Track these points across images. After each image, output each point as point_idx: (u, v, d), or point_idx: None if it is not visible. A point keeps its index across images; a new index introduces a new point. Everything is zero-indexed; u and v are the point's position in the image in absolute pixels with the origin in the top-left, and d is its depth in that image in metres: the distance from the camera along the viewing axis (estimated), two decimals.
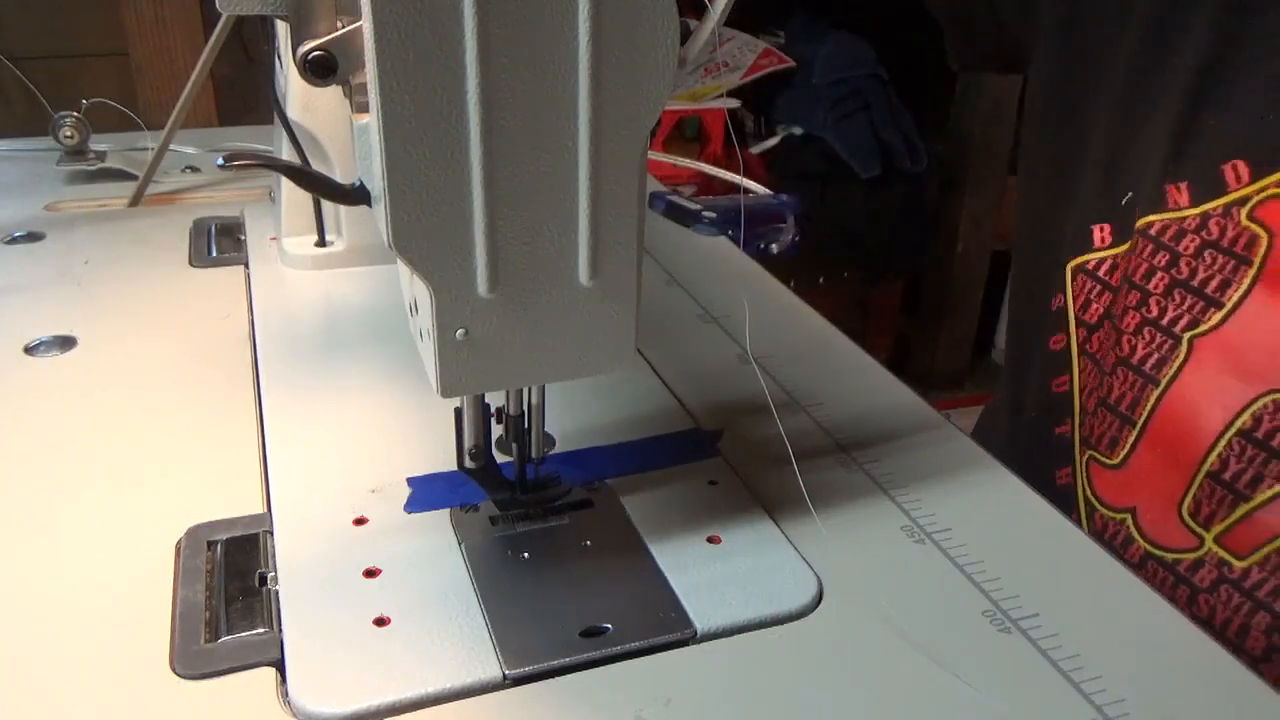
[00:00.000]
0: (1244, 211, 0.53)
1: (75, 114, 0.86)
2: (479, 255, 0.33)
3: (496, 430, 0.42)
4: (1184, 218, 0.55)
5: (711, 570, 0.41)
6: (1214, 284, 0.54)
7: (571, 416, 0.51)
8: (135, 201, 0.82)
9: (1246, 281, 0.52)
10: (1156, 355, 0.57)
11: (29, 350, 0.58)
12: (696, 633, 0.38)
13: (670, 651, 0.37)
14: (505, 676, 0.36)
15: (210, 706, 0.35)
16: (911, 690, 0.36)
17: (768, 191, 0.93)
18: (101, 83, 1.51)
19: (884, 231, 1.86)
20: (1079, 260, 0.63)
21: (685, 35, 0.33)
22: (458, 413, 0.40)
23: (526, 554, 0.41)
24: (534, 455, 0.43)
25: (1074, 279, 0.64)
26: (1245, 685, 0.37)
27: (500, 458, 0.43)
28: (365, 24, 0.30)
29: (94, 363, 0.57)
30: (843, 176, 1.74)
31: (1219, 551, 0.52)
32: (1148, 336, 0.57)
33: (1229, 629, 0.52)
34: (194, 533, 0.43)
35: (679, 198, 0.84)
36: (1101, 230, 0.61)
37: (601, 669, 0.37)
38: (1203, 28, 0.56)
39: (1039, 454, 0.60)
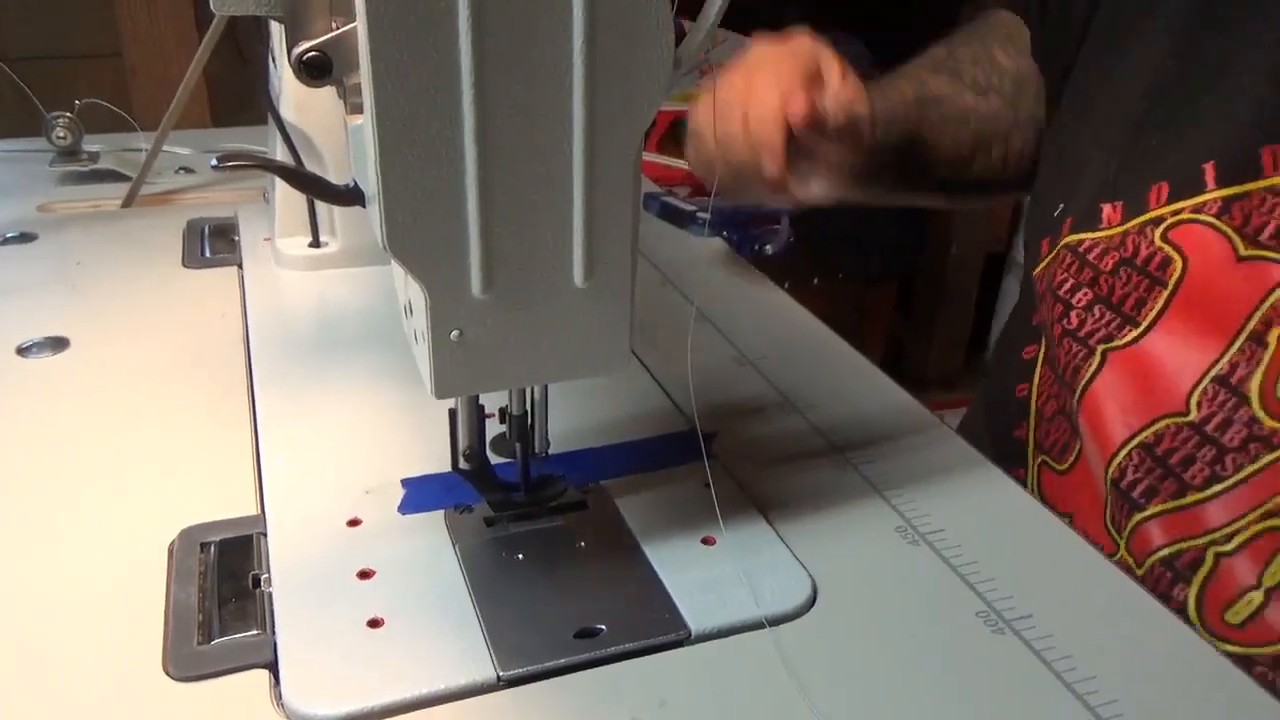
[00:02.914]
0: (1158, 231, 0.53)
1: (68, 114, 0.86)
2: (473, 256, 0.33)
3: (491, 431, 0.42)
4: (1111, 235, 0.56)
5: (706, 571, 0.41)
6: (1130, 302, 0.54)
7: (566, 418, 0.51)
8: (128, 202, 0.82)
9: (1160, 302, 0.52)
10: (1073, 364, 0.57)
11: (21, 351, 0.58)
12: (691, 633, 0.38)
13: (664, 653, 0.37)
14: (499, 678, 0.36)
15: (203, 708, 0.35)
16: (905, 691, 0.36)
17: None
18: (95, 83, 1.50)
19: (878, 233, 1.86)
20: (1035, 271, 0.63)
21: (679, 37, 0.33)
22: (452, 414, 0.40)
23: (521, 555, 0.41)
24: (538, 450, 0.43)
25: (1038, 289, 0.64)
26: (1236, 685, 0.37)
27: (494, 459, 0.43)
28: (360, 25, 0.30)
29: (87, 364, 0.57)
30: None
31: (1127, 559, 0.52)
32: (1067, 346, 0.58)
33: None
34: (187, 534, 0.43)
35: (673, 199, 0.84)
36: (1047, 243, 0.62)
37: (596, 670, 0.37)
38: (1160, 47, 0.57)
39: (997, 456, 0.60)
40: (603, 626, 0.38)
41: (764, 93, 0.59)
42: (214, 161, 0.38)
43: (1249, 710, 0.36)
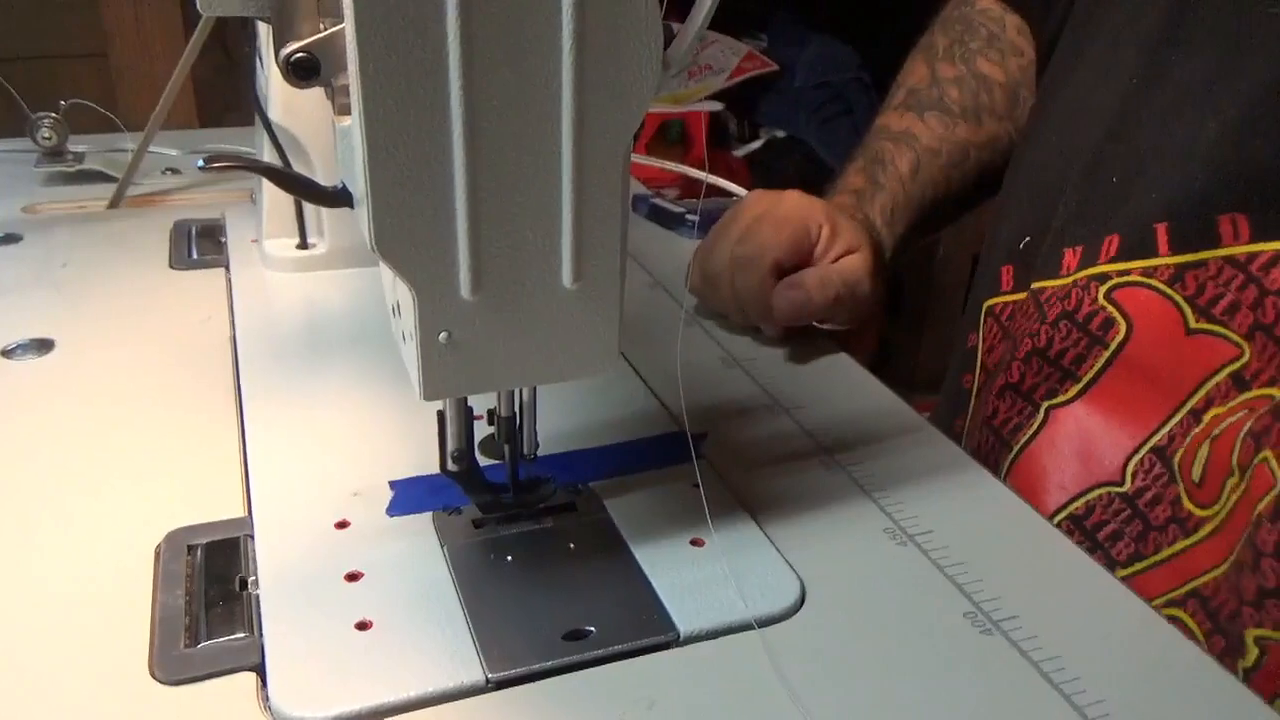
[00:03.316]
0: (1102, 290, 0.51)
1: (53, 115, 0.86)
2: (462, 258, 0.33)
3: (479, 433, 0.42)
4: (1062, 285, 0.54)
5: (694, 573, 0.41)
6: (1069, 356, 0.52)
7: (554, 419, 0.50)
8: (115, 203, 0.81)
9: (1100, 362, 0.51)
10: (1014, 421, 0.56)
11: (6, 353, 0.57)
12: (680, 635, 0.38)
13: (653, 654, 0.37)
14: (488, 680, 0.36)
15: (190, 712, 0.34)
16: (893, 691, 0.36)
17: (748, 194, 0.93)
18: (80, 84, 1.50)
19: None
20: (990, 301, 0.62)
21: (669, 39, 0.33)
22: (440, 415, 0.40)
23: (510, 557, 0.41)
24: (526, 452, 0.42)
25: (985, 319, 0.63)
26: (1224, 687, 0.37)
27: (483, 460, 0.43)
28: (348, 26, 0.29)
29: (72, 366, 0.57)
30: (826, 179, 1.75)
31: None
32: (1010, 400, 0.56)
33: None
34: (174, 537, 0.43)
35: (663, 200, 0.84)
36: (1008, 272, 0.61)
37: (584, 672, 0.37)
38: (1129, 61, 0.55)
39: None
40: (592, 628, 0.38)
41: (750, 270, 0.58)
42: (201, 162, 0.38)
43: (1233, 709, 0.36)
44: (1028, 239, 0.59)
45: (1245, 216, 0.47)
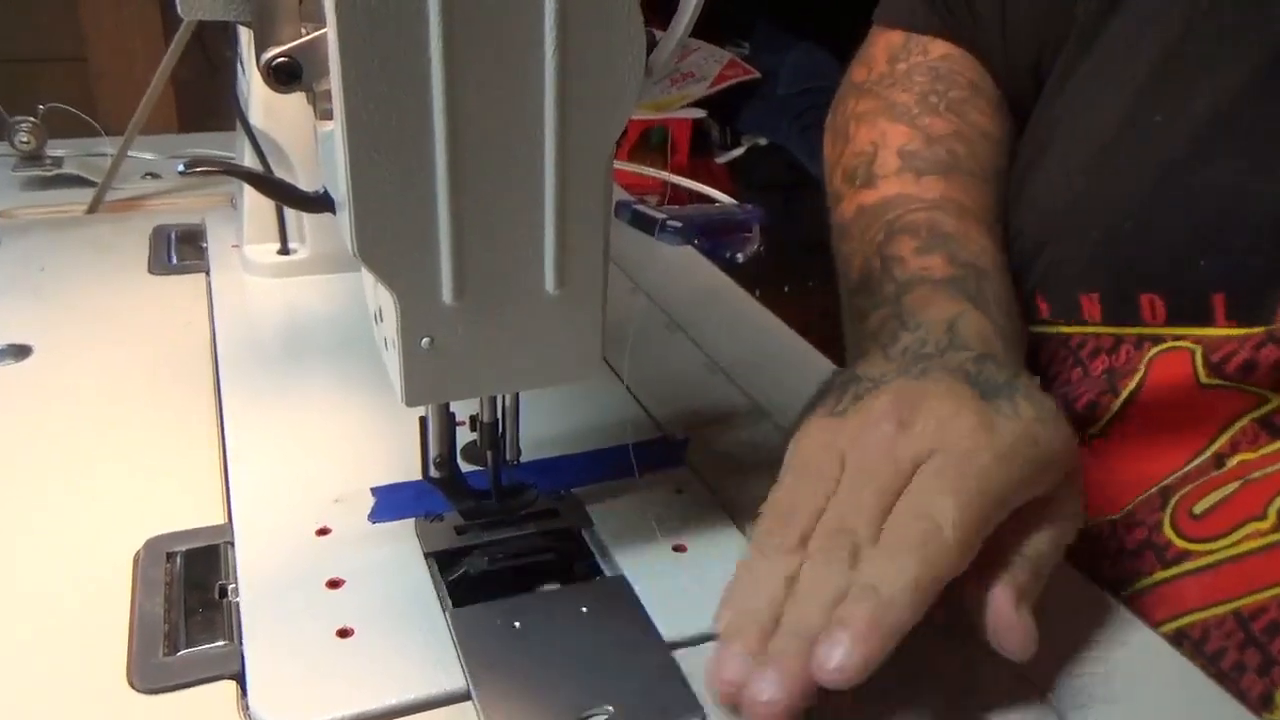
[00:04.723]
0: (1155, 350, 0.46)
1: (31, 119, 0.85)
2: (444, 263, 0.33)
3: (462, 439, 0.42)
4: (1099, 335, 0.49)
5: (678, 578, 0.41)
6: (1084, 401, 0.48)
7: (537, 425, 0.50)
8: (94, 208, 0.81)
9: (1112, 411, 0.47)
10: None
11: None
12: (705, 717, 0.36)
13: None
14: (470, 687, 0.35)
15: None
16: (879, 698, 0.36)
17: (733, 201, 0.94)
18: (59, 87, 1.49)
19: None
20: None
21: (651, 45, 0.33)
22: (422, 421, 0.40)
23: (518, 624, 0.38)
24: (509, 458, 0.42)
25: None
26: (1203, 689, 0.38)
27: (465, 467, 0.42)
28: (330, 31, 0.29)
29: (50, 372, 0.56)
30: (808, 186, 1.76)
31: None
32: None
33: None
34: (153, 544, 0.42)
35: (645, 207, 0.84)
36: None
37: None
38: (1134, 82, 0.50)
39: None
40: (609, 708, 0.35)
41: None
42: (182, 167, 0.38)
43: (1218, 711, 0.37)
44: (1034, 270, 0.53)
45: None
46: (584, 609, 0.39)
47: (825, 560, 0.35)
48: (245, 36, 0.62)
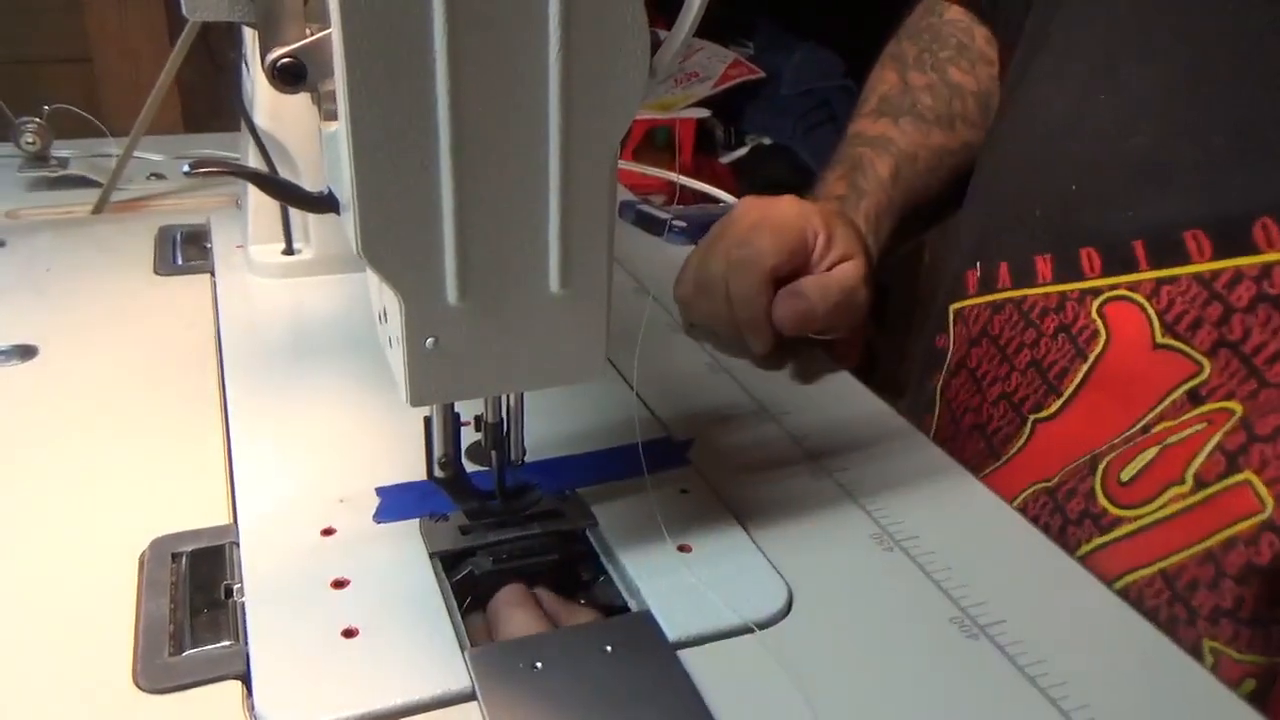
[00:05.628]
0: (1095, 303, 0.52)
1: (37, 120, 0.85)
2: (449, 263, 0.33)
3: (466, 439, 0.42)
4: (1048, 295, 0.54)
5: (682, 578, 0.41)
6: (1055, 369, 0.53)
7: (541, 426, 0.50)
8: (99, 208, 0.81)
9: (1079, 376, 0.52)
10: (1005, 430, 0.56)
11: None
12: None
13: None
14: (475, 688, 0.35)
15: None
16: (880, 697, 0.36)
17: (736, 201, 0.93)
18: (64, 88, 1.49)
19: None
20: (957, 305, 0.62)
21: (655, 45, 0.33)
22: (427, 422, 0.40)
23: (539, 664, 0.36)
24: (513, 458, 0.42)
25: (954, 323, 0.63)
26: (1206, 690, 0.38)
27: (470, 467, 0.42)
28: (335, 32, 0.29)
29: (56, 372, 0.56)
30: (811, 186, 1.75)
31: None
32: (1002, 409, 0.57)
33: None
34: (158, 544, 0.42)
35: (649, 207, 0.84)
36: (972, 276, 0.61)
37: None
38: (1074, 91, 0.55)
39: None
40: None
41: (747, 276, 0.56)
42: (186, 168, 0.38)
43: (1218, 711, 0.37)
44: (995, 243, 0.59)
45: (1205, 232, 0.48)
46: (608, 647, 0.37)
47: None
48: (250, 37, 0.62)
